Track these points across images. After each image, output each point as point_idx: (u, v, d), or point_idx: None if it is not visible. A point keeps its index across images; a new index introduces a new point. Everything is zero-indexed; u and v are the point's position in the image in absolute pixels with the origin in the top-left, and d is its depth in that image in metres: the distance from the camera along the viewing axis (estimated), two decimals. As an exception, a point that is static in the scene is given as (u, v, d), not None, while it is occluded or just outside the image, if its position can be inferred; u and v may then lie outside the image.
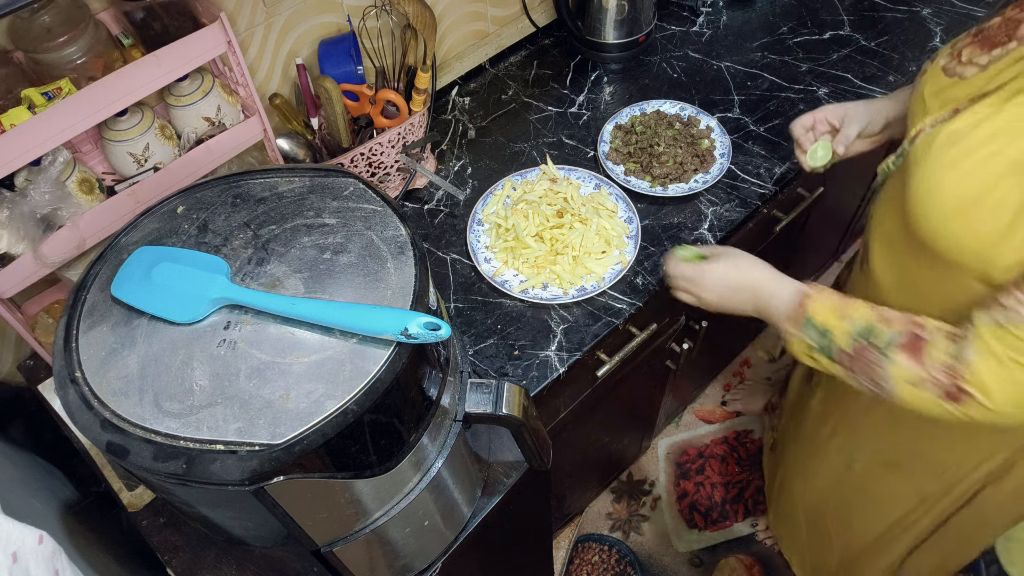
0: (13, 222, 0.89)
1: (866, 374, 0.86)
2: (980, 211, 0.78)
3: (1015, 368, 0.76)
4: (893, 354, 0.84)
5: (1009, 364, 0.77)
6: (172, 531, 0.99)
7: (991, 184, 0.77)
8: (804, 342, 0.92)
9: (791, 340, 0.94)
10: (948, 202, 0.80)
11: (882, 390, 0.86)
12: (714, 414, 2.10)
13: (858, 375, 0.88)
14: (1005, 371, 0.77)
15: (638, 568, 1.86)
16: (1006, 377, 0.77)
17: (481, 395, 0.81)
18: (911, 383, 0.83)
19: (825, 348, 0.90)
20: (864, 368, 0.86)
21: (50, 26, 0.90)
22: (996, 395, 0.78)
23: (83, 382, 0.62)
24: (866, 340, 0.86)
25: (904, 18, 1.56)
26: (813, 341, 0.91)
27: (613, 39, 1.48)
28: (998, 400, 0.78)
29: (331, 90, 1.13)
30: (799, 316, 0.92)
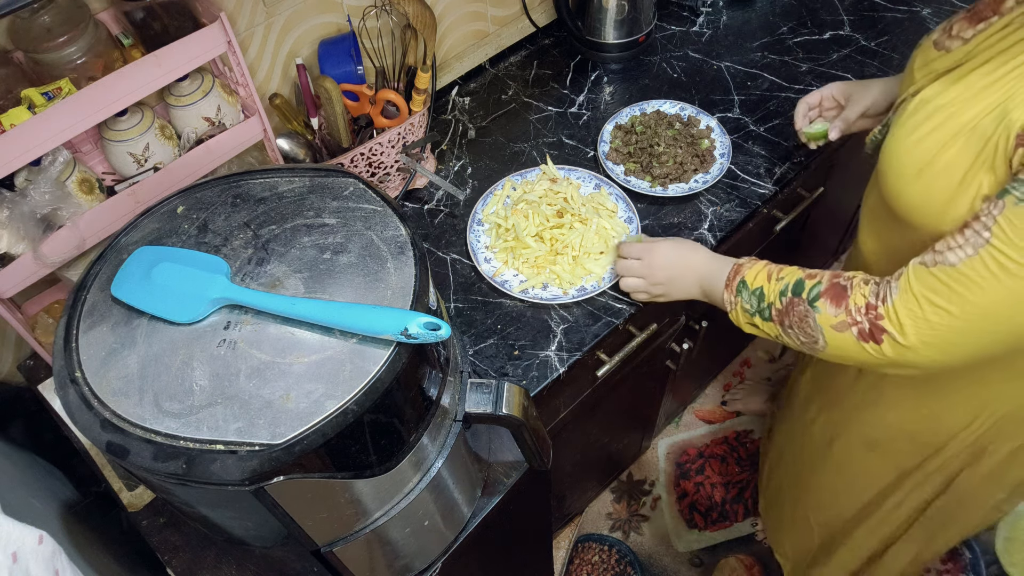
0: (13, 222, 0.89)
1: (798, 327, 0.91)
2: (933, 173, 0.82)
3: (929, 308, 0.80)
4: (818, 303, 0.89)
5: (924, 304, 0.80)
6: (172, 531, 0.99)
7: (942, 147, 0.81)
8: (742, 307, 0.98)
9: (732, 310, 0.99)
10: (907, 167, 0.85)
11: (814, 341, 0.90)
12: (714, 414, 2.10)
13: (792, 329, 0.92)
14: (920, 310, 0.80)
15: (638, 568, 1.86)
16: (920, 315, 0.80)
17: (481, 395, 0.81)
18: (834, 327, 0.87)
19: (761, 310, 0.95)
20: (795, 321, 0.91)
21: (50, 26, 0.90)
22: (910, 333, 0.81)
23: (83, 382, 0.62)
24: (794, 295, 0.91)
25: (904, 18, 1.56)
26: (749, 305, 0.96)
27: (613, 39, 1.48)
28: (912, 338, 0.81)
29: (331, 90, 1.13)
30: (734, 283, 0.98)
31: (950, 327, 0.80)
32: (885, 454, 1.21)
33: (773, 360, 2.18)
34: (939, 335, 0.80)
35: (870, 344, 0.85)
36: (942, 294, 0.79)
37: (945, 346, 0.81)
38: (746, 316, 0.98)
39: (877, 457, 1.23)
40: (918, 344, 0.81)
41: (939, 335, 0.80)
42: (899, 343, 0.82)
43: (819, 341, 0.90)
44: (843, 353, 0.89)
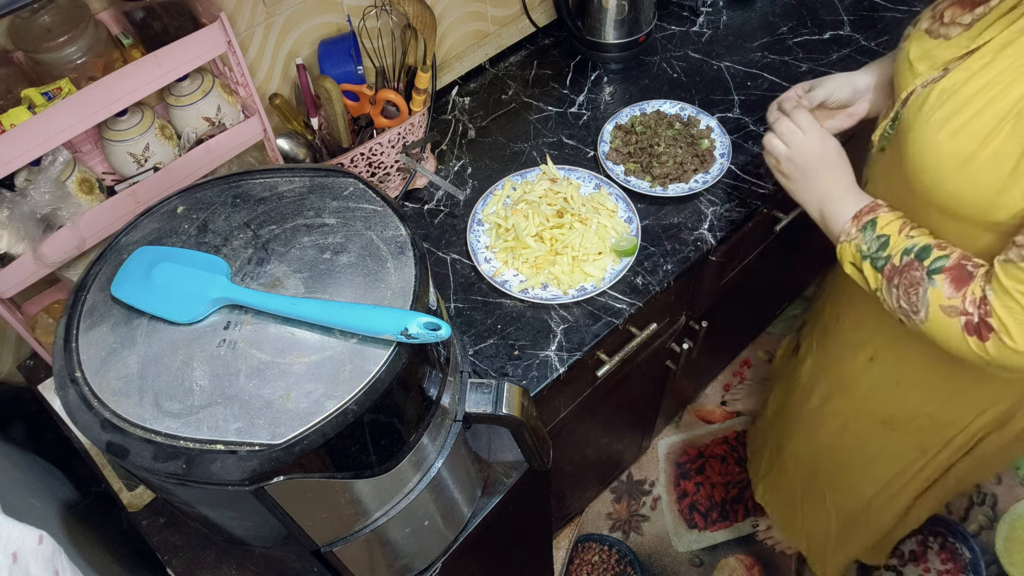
0: (13, 222, 0.89)
1: (904, 290, 0.88)
2: (978, 164, 0.79)
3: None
4: (937, 277, 0.85)
5: (1019, 297, 0.78)
6: (172, 531, 0.99)
7: (987, 136, 0.78)
8: (858, 245, 0.93)
9: (846, 241, 0.95)
10: (945, 160, 0.82)
11: (914, 311, 0.87)
12: (714, 414, 2.10)
13: (896, 290, 0.89)
14: (1020, 308, 0.78)
15: (638, 568, 1.86)
16: (1021, 314, 0.78)
17: (481, 395, 0.81)
18: (943, 308, 0.84)
19: (876, 257, 0.91)
20: (905, 284, 0.88)
21: (50, 26, 0.90)
22: (1016, 335, 0.79)
23: (83, 382, 0.62)
24: (917, 258, 0.87)
25: (904, 18, 1.55)
26: (868, 246, 0.92)
27: (613, 39, 1.48)
28: (1017, 337, 0.79)
29: (331, 90, 1.13)
30: (865, 217, 0.93)
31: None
32: (905, 432, 1.21)
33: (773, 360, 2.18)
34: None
35: (974, 339, 0.82)
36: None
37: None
38: (856, 255, 0.93)
39: (897, 435, 1.23)
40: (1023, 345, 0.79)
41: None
42: (1006, 345, 0.80)
43: (920, 314, 0.86)
44: (941, 336, 0.86)
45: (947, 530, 1.86)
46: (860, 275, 0.94)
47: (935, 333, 0.86)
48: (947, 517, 1.88)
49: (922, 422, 1.17)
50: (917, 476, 1.29)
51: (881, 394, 1.19)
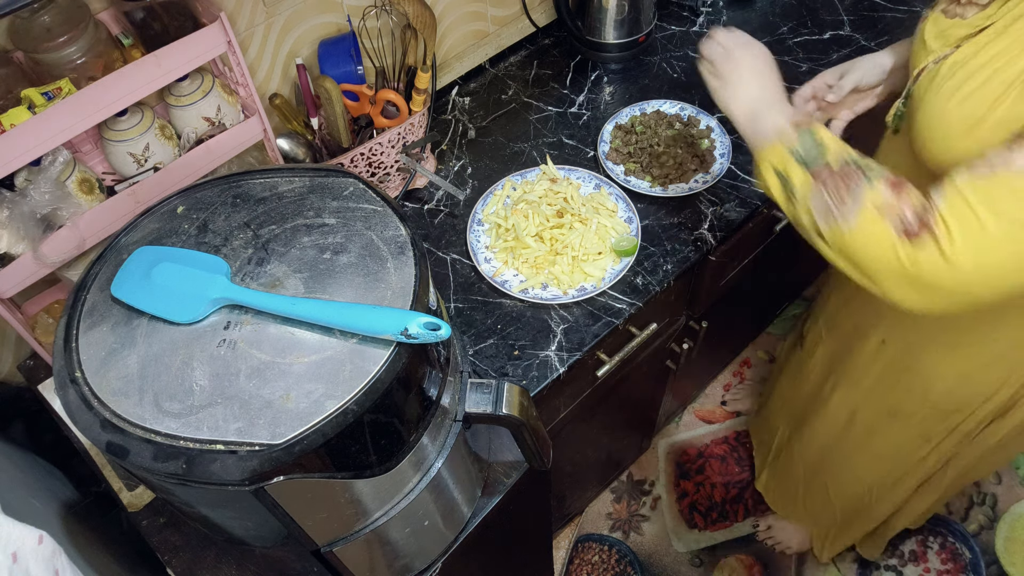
0: (13, 222, 0.89)
1: (837, 189, 0.81)
2: (986, 128, 0.78)
3: (989, 216, 0.72)
4: (876, 181, 0.80)
5: (983, 211, 0.73)
6: (172, 531, 0.99)
7: (994, 101, 0.78)
8: (790, 147, 0.86)
9: (775, 143, 0.88)
10: (953, 127, 0.81)
11: (842, 208, 0.81)
12: (714, 414, 2.10)
13: (824, 189, 0.82)
14: (975, 219, 0.73)
15: (638, 568, 1.86)
16: (975, 224, 0.73)
17: (481, 395, 0.81)
18: (878, 207, 0.78)
19: (810, 159, 0.85)
20: (838, 184, 0.82)
21: (50, 26, 0.90)
22: (958, 240, 0.73)
23: (83, 382, 0.62)
24: (857, 165, 0.82)
25: (904, 18, 1.56)
26: (802, 148, 0.86)
27: (613, 39, 1.48)
28: (958, 246, 0.73)
29: (331, 90, 1.13)
30: (805, 125, 0.88)
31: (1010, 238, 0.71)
32: (908, 422, 1.21)
33: (773, 360, 2.18)
34: (994, 249, 0.72)
35: (904, 244, 0.76)
36: (1005, 200, 0.71)
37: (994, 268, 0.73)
38: (784, 157, 0.86)
39: (900, 425, 1.23)
40: (964, 259, 0.73)
41: (994, 249, 0.72)
42: (942, 252, 0.74)
43: (848, 216, 0.80)
44: (866, 241, 0.79)
45: (947, 530, 1.86)
46: (783, 176, 0.87)
47: (862, 235, 0.79)
48: (947, 517, 1.88)
49: (927, 412, 1.17)
50: (920, 464, 1.30)
51: (890, 382, 1.19)
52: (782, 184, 0.88)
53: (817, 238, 0.86)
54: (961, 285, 0.75)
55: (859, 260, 0.81)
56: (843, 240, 0.82)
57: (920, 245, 0.75)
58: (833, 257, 0.85)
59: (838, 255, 0.84)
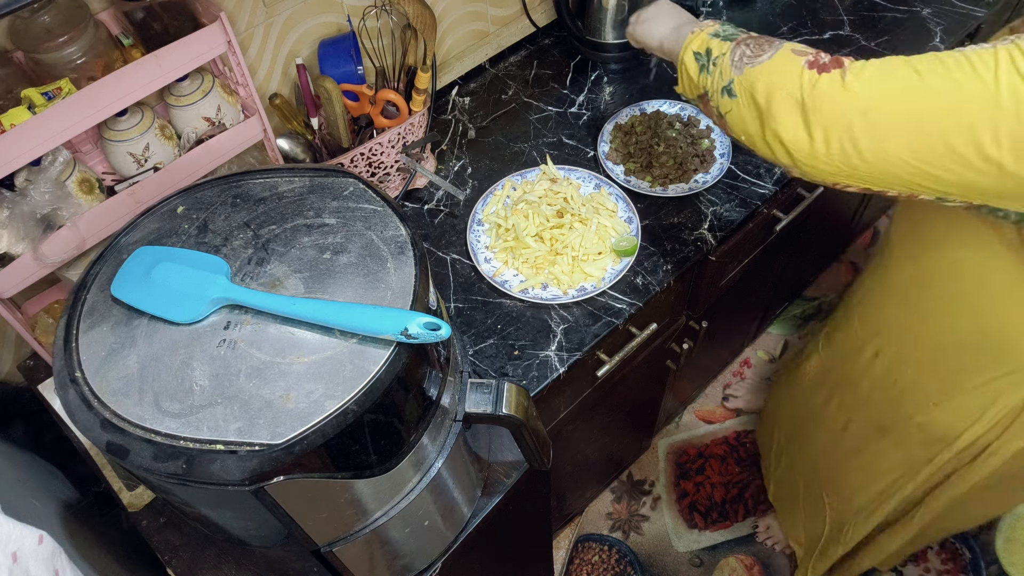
0: (13, 222, 0.89)
1: (758, 44, 0.85)
2: None
3: (900, 65, 0.74)
4: (792, 43, 0.83)
5: (899, 62, 0.74)
6: (172, 531, 0.99)
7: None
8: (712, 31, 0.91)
9: (699, 30, 0.92)
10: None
11: (759, 54, 0.83)
12: (714, 414, 2.10)
13: (745, 45, 0.85)
14: (891, 65, 0.75)
15: (638, 568, 1.86)
16: (887, 66, 0.74)
17: (481, 395, 0.81)
18: (795, 50, 0.81)
19: (730, 35, 0.89)
20: (760, 42, 0.85)
21: (50, 26, 0.90)
22: (864, 74, 0.75)
23: (83, 382, 0.62)
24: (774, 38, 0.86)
25: (904, 18, 1.55)
26: (723, 29, 0.90)
27: (613, 39, 1.48)
28: (862, 77, 0.75)
29: (331, 90, 1.13)
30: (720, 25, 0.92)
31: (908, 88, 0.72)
32: (896, 442, 1.21)
33: (773, 360, 2.18)
34: (890, 90, 0.73)
35: (811, 72, 0.78)
36: (926, 62, 0.73)
37: (882, 107, 0.74)
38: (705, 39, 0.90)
39: (889, 444, 1.23)
40: (861, 90, 0.74)
41: (890, 90, 0.73)
42: (843, 79, 0.76)
43: (764, 56, 0.82)
44: (774, 71, 0.81)
45: (947, 530, 1.86)
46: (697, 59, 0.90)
47: (772, 67, 0.81)
48: (947, 517, 1.88)
49: (912, 432, 1.17)
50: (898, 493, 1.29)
51: (880, 395, 1.20)
52: (698, 61, 0.91)
53: (722, 96, 0.87)
54: (844, 114, 0.75)
55: (761, 90, 0.82)
56: (752, 75, 0.83)
57: (824, 78, 0.77)
58: (736, 110, 0.86)
59: (742, 98, 0.85)
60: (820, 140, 0.78)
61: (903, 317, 1.11)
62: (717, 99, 0.88)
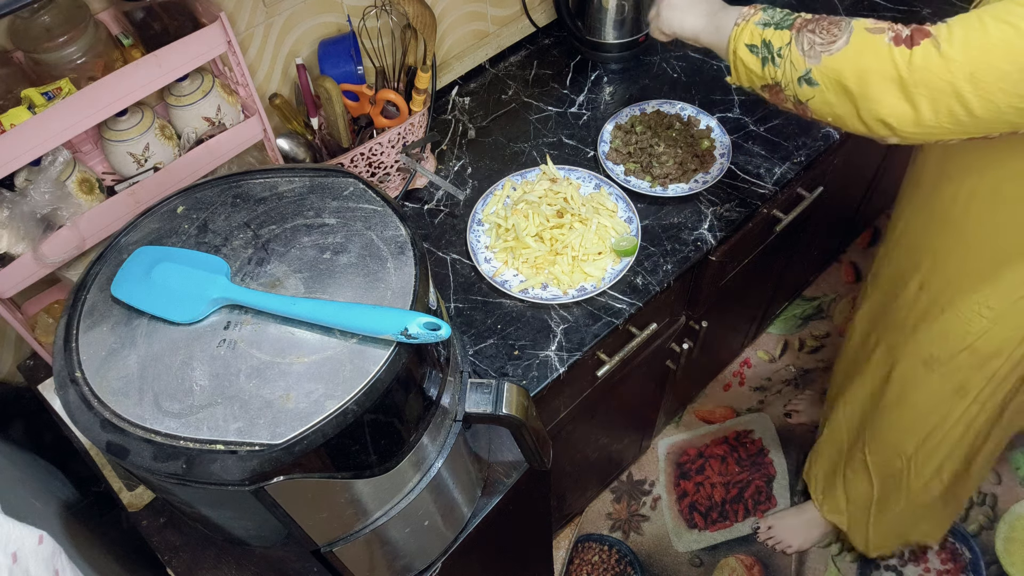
0: (13, 222, 0.89)
1: (823, 28, 0.84)
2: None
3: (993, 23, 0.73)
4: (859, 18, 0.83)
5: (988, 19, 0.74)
6: (172, 531, 0.99)
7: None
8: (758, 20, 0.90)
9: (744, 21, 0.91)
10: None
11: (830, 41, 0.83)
12: (714, 414, 2.10)
13: (810, 33, 0.85)
14: (980, 23, 0.74)
15: (638, 568, 1.86)
16: (979, 27, 0.74)
17: (481, 395, 0.81)
18: (868, 29, 0.81)
19: (782, 21, 0.88)
20: (823, 24, 0.84)
21: (50, 26, 0.90)
22: (958, 39, 0.75)
23: (83, 382, 0.62)
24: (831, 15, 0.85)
25: (904, 18, 1.55)
26: (770, 16, 0.89)
27: (613, 39, 1.48)
28: (956, 43, 0.74)
29: (331, 90, 1.13)
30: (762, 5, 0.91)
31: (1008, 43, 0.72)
32: (945, 374, 1.21)
33: (773, 360, 2.18)
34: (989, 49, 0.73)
35: (900, 48, 0.77)
36: (1014, 12, 0.72)
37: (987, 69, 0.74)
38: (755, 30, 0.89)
39: (937, 378, 1.23)
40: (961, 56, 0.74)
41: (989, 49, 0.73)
42: (938, 48, 0.75)
43: (839, 41, 0.82)
44: (860, 55, 0.80)
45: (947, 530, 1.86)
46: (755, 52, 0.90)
47: (856, 52, 0.81)
48: (947, 517, 1.88)
49: (963, 359, 1.17)
50: (956, 425, 1.28)
51: (926, 328, 1.20)
52: (758, 54, 0.90)
53: (800, 85, 0.87)
54: (951, 83, 0.75)
55: (850, 79, 0.82)
56: (834, 65, 0.83)
57: (915, 50, 0.77)
58: (821, 95, 0.86)
59: (828, 86, 0.85)
60: (927, 110, 0.79)
61: (946, 240, 1.10)
62: (794, 88, 0.88)
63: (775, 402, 2.10)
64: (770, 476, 1.97)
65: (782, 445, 2.02)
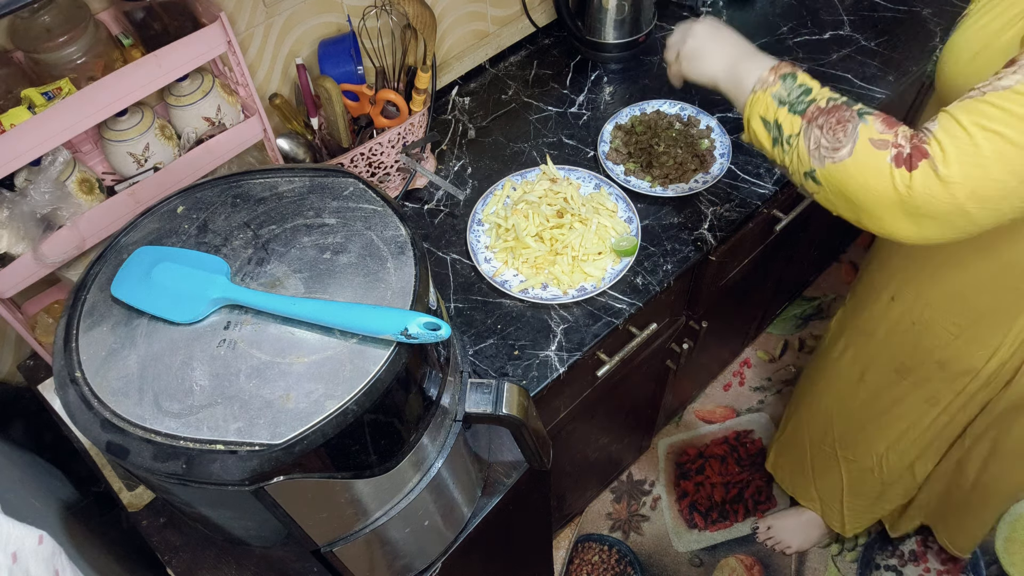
0: (13, 222, 0.89)
1: (830, 128, 0.83)
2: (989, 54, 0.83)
3: (980, 133, 0.74)
4: (868, 117, 0.82)
5: (974, 129, 0.74)
6: (172, 531, 0.99)
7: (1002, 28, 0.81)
8: (774, 94, 0.88)
9: (762, 90, 0.89)
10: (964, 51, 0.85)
11: (835, 147, 0.82)
12: (714, 414, 2.10)
13: (818, 130, 0.84)
14: (967, 136, 0.75)
15: (638, 568, 1.86)
16: (967, 141, 0.74)
17: (481, 395, 0.81)
18: (873, 142, 0.80)
19: (796, 102, 0.87)
20: (831, 122, 0.83)
21: (50, 26, 0.90)
22: (953, 160, 0.75)
23: (83, 382, 0.62)
24: (845, 104, 0.84)
25: (904, 18, 1.55)
26: (787, 92, 0.87)
27: (613, 39, 1.48)
28: (954, 167, 0.74)
29: (331, 90, 1.13)
30: (783, 70, 0.89)
31: (1002, 155, 0.73)
32: (917, 383, 1.23)
33: (773, 360, 2.18)
34: (986, 166, 0.74)
35: (901, 171, 0.77)
36: (996, 119, 0.73)
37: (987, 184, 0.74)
38: (770, 104, 0.88)
39: (908, 385, 1.24)
40: (959, 177, 0.74)
41: (986, 166, 0.74)
42: (936, 172, 0.75)
43: (844, 149, 0.81)
44: (863, 170, 0.80)
45: (947, 530, 1.86)
46: (767, 128, 0.89)
47: (857, 168, 0.81)
48: (947, 517, 1.88)
49: (932, 370, 1.18)
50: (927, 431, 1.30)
51: (898, 337, 1.21)
52: (769, 132, 0.89)
53: (806, 180, 0.87)
54: (955, 205, 0.76)
55: (853, 192, 0.82)
56: (837, 175, 0.82)
57: (915, 173, 0.77)
58: (824, 195, 0.86)
59: (831, 191, 0.85)
60: (932, 229, 0.79)
61: (917, 258, 1.12)
62: (800, 179, 0.88)
63: (775, 402, 2.10)
64: (770, 476, 1.97)
65: (782, 445, 2.02)
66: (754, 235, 1.38)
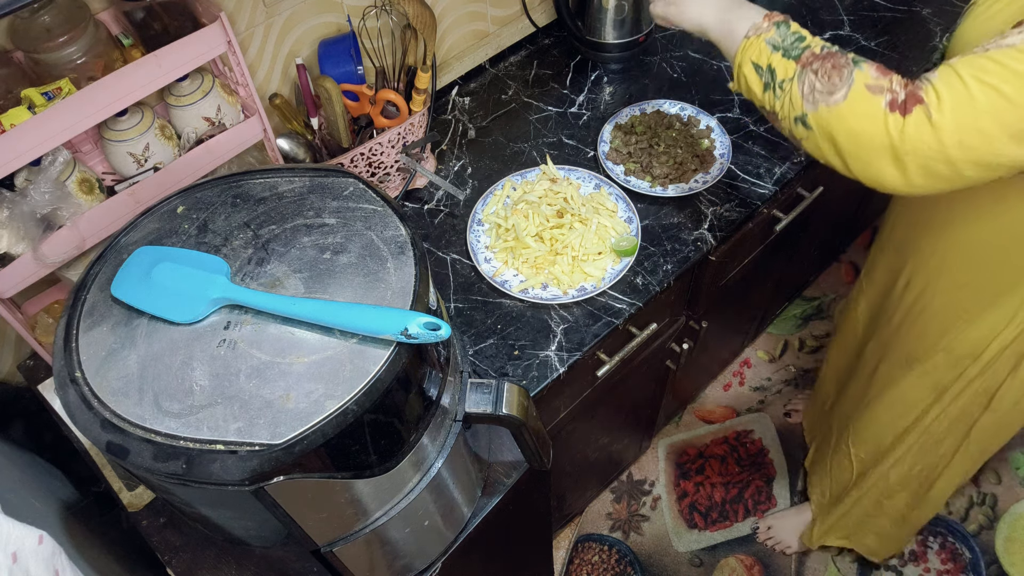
0: (13, 222, 0.89)
1: (826, 72, 0.83)
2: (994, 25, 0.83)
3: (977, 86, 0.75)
4: (863, 63, 0.82)
5: (972, 81, 0.75)
6: (172, 531, 0.99)
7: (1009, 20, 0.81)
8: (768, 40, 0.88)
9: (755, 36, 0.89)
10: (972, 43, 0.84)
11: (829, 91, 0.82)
12: (714, 414, 2.10)
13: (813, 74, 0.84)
14: (964, 88, 0.75)
15: (638, 568, 1.86)
16: (963, 92, 0.75)
17: (481, 395, 0.81)
18: (868, 87, 0.80)
19: (790, 47, 0.86)
20: (827, 67, 0.83)
21: (50, 26, 0.90)
22: (947, 108, 0.76)
23: (83, 382, 0.62)
24: (841, 52, 0.84)
25: (904, 18, 1.55)
26: (781, 38, 0.87)
27: (613, 39, 1.48)
28: (947, 115, 0.76)
29: (331, 90, 1.13)
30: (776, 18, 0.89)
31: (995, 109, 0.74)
32: (923, 372, 1.23)
33: (773, 360, 2.18)
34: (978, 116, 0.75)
35: (895, 116, 0.78)
36: (994, 73, 0.74)
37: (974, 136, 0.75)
38: (763, 49, 0.88)
39: (915, 376, 1.25)
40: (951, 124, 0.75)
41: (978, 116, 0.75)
42: (929, 118, 0.76)
43: (839, 93, 0.81)
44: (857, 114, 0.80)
45: (947, 530, 1.86)
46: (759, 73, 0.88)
47: (851, 112, 0.81)
48: (947, 517, 1.88)
49: (939, 359, 1.19)
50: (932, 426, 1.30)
51: (908, 326, 1.22)
52: (761, 77, 0.89)
53: (796, 125, 0.87)
54: (941, 152, 0.77)
55: (844, 137, 0.82)
56: (830, 118, 0.83)
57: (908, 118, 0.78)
58: (813, 140, 0.86)
59: (821, 136, 0.85)
60: (917, 175, 0.80)
61: (929, 241, 1.12)
62: (789, 125, 0.88)
63: (775, 402, 2.10)
64: (770, 476, 1.97)
65: (782, 445, 2.02)
66: (754, 235, 1.38)
